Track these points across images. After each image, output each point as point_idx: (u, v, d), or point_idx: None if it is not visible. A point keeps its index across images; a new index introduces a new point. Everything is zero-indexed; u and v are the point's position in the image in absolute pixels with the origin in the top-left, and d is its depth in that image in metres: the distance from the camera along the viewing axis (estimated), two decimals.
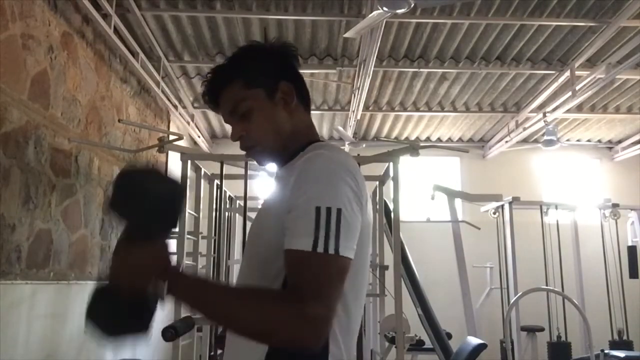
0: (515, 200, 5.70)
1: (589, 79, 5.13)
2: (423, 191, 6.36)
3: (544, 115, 6.01)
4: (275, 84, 1.11)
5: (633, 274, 6.09)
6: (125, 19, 4.24)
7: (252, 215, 3.69)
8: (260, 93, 1.10)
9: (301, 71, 1.18)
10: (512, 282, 5.67)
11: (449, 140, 7.75)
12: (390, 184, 3.77)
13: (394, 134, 7.41)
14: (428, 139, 7.59)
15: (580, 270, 6.07)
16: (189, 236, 3.77)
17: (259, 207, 1.20)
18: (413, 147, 3.90)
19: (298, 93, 1.14)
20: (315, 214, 0.90)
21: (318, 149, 1.05)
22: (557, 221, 6.12)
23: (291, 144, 1.11)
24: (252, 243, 1.09)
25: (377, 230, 4.51)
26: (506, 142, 7.02)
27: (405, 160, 3.90)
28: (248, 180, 3.76)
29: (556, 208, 6.14)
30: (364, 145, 6.79)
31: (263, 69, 1.12)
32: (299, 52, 4.94)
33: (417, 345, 4.85)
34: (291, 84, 1.12)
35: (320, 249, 0.89)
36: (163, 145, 4.09)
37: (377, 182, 4.37)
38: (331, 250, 0.89)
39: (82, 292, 3.87)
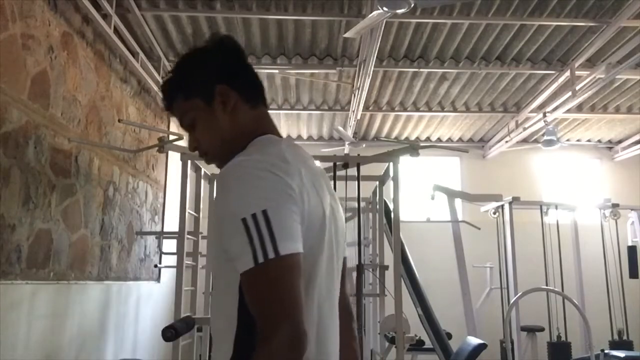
0: (515, 200, 5.70)
1: (589, 79, 5.13)
2: (423, 191, 6.36)
3: (544, 115, 6.01)
4: (212, 90, 1.10)
5: (633, 274, 6.09)
6: (125, 19, 4.24)
7: None
8: (199, 102, 1.10)
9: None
10: (512, 282, 5.66)
11: (449, 140, 7.75)
12: (390, 184, 3.77)
13: (394, 134, 7.42)
14: (428, 139, 7.60)
15: (580, 270, 6.07)
16: (189, 236, 3.76)
17: None
18: (413, 147, 3.89)
19: (241, 90, 1.12)
20: (244, 228, 0.89)
21: (242, 154, 1.04)
22: (557, 221, 6.11)
23: (240, 144, 1.09)
24: (208, 254, 1.08)
25: (377, 230, 4.51)
26: (506, 142, 7.02)
27: (405, 160, 3.90)
28: None
29: (556, 208, 6.14)
30: (364, 145, 6.80)
31: (197, 78, 1.11)
32: (299, 52, 4.99)
33: (417, 345, 4.85)
34: (228, 84, 1.10)
35: (260, 259, 0.88)
36: (163, 145, 4.09)
37: (377, 182, 4.37)
38: (271, 255, 0.88)
39: (82, 292, 3.87)
